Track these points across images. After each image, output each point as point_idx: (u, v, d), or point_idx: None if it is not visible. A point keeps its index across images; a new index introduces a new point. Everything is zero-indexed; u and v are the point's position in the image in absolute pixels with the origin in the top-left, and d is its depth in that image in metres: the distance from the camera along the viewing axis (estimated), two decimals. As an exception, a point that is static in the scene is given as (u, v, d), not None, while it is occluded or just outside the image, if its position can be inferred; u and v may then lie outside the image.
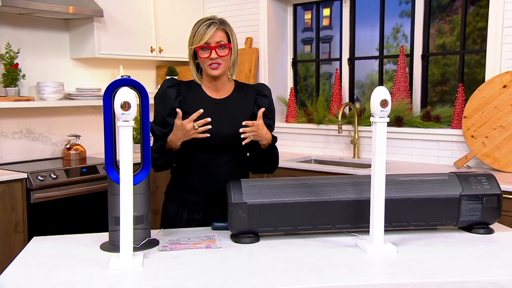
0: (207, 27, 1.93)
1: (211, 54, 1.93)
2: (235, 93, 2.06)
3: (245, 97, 2.07)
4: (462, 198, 1.81)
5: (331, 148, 4.00)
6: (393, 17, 4.06)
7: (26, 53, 3.72)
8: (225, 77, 2.03)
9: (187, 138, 1.88)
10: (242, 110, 2.04)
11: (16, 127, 3.71)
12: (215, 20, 1.96)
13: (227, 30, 1.98)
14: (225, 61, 1.97)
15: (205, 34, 1.92)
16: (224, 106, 2.01)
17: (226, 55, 1.96)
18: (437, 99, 3.85)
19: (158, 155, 1.96)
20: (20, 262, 1.56)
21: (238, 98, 2.05)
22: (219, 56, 1.93)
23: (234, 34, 2.01)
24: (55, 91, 3.68)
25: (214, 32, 1.92)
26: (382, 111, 1.61)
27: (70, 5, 3.54)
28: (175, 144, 1.91)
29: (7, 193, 3.09)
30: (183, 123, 1.86)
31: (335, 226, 1.78)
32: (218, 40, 1.94)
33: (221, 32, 1.95)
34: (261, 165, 2.11)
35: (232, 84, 2.08)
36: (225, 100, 2.03)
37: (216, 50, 1.93)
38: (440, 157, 3.50)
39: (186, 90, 2.01)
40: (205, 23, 1.94)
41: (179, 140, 1.90)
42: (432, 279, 1.43)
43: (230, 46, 1.97)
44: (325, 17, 4.51)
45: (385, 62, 4.09)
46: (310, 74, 4.51)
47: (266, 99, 2.08)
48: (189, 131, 1.85)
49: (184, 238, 1.77)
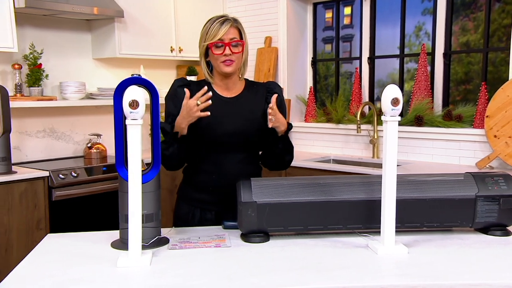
0: (221, 24, 1.93)
1: (225, 50, 1.93)
2: (245, 91, 2.06)
3: (256, 95, 2.06)
4: (478, 199, 1.76)
5: (350, 148, 3.96)
6: (415, 15, 3.99)
7: (50, 54, 3.79)
8: (236, 75, 2.03)
9: (191, 118, 1.86)
10: (253, 108, 2.03)
11: (39, 126, 3.78)
12: (229, 18, 1.97)
13: (239, 28, 1.99)
14: (238, 58, 1.97)
15: (219, 30, 1.92)
16: (235, 105, 2.01)
17: (240, 52, 1.96)
18: (461, 98, 3.77)
19: (166, 145, 1.94)
20: (32, 258, 1.58)
21: (249, 96, 2.05)
22: (232, 52, 1.93)
23: (245, 33, 2.02)
24: (77, 90, 3.75)
25: (228, 29, 1.93)
26: (393, 110, 1.58)
27: (94, 6, 3.59)
28: (181, 127, 1.89)
29: (29, 190, 3.16)
30: (186, 103, 1.86)
31: (346, 227, 1.76)
32: (232, 37, 1.94)
33: (234, 29, 1.96)
34: (278, 158, 2.07)
35: (242, 83, 2.08)
36: (236, 99, 2.03)
37: (230, 47, 1.93)
38: (461, 157, 3.42)
39: (197, 89, 2.01)
40: (219, 20, 1.95)
41: (184, 120, 1.87)
42: (442, 281, 1.40)
43: (244, 43, 1.97)
44: (346, 16, 4.47)
45: (406, 61, 4.03)
46: (330, 73, 4.48)
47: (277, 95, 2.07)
48: (193, 108, 1.84)
49: (194, 237, 1.77)
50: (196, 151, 2.00)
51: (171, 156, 1.95)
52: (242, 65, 2.02)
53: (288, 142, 2.05)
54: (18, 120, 3.62)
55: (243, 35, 1.99)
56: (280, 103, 2.08)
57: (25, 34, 3.65)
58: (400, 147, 3.69)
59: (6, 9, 3.25)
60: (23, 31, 3.62)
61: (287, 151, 2.07)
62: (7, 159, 3.18)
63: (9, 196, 3.06)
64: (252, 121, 2.00)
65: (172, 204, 2.67)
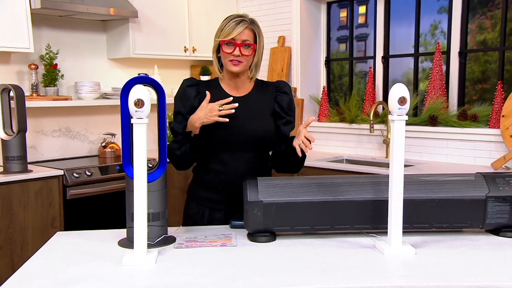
0: (237, 23, 1.93)
1: (234, 50, 1.93)
2: (255, 90, 2.06)
3: (265, 94, 2.06)
4: (489, 199, 1.73)
5: (363, 148, 3.93)
6: (431, 13, 3.94)
7: (65, 54, 3.84)
8: (245, 76, 2.02)
9: (207, 120, 1.87)
10: (262, 107, 2.03)
11: (55, 125, 3.83)
12: (246, 19, 1.96)
13: (255, 31, 1.97)
14: (247, 60, 1.96)
15: (233, 30, 1.92)
16: (244, 104, 2.01)
17: (249, 55, 1.95)
18: (477, 98, 3.71)
19: (177, 145, 1.94)
20: (41, 256, 1.60)
21: (258, 96, 2.05)
22: (242, 54, 1.93)
23: (262, 36, 2.00)
24: (92, 90, 3.79)
25: (243, 30, 1.92)
26: (400, 109, 1.56)
27: (110, 7, 3.63)
28: (194, 126, 1.90)
29: (45, 189, 3.20)
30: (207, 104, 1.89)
31: (354, 227, 1.74)
32: (245, 38, 1.93)
33: (249, 31, 1.95)
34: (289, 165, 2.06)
35: (252, 83, 2.07)
36: (245, 98, 2.03)
37: (240, 48, 1.93)
38: (477, 157, 3.37)
39: (206, 89, 2.01)
40: (236, 19, 1.94)
41: (199, 120, 1.88)
42: (449, 283, 1.37)
43: (255, 47, 1.97)
44: (360, 15, 4.43)
45: (422, 60, 3.98)
46: (345, 73, 4.45)
47: (286, 96, 2.07)
48: (213, 111, 1.87)
49: (201, 236, 1.78)
50: (205, 150, 2.01)
51: (182, 155, 1.96)
52: (253, 67, 2.01)
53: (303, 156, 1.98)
54: (34, 119, 3.68)
55: (257, 38, 1.97)
56: (289, 103, 2.07)
57: (42, 35, 3.70)
58: (414, 147, 3.65)
59: (22, 10, 3.30)
60: (39, 31, 3.67)
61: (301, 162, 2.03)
62: (23, 158, 3.23)
63: (24, 194, 3.11)
64: (260, 120, 2.00)
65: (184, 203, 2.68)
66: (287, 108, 2.05)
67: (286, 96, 2.06)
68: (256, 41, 1.97)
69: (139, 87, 1.49)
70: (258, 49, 1.98)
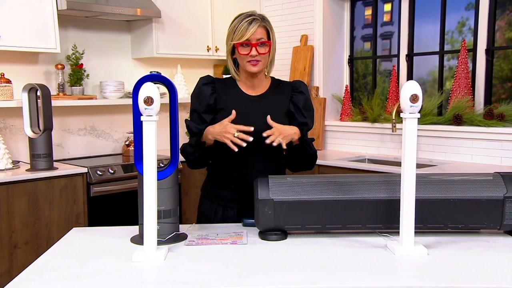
0: (249, 23, 1.92)
1: (251, 51, 1.92)
2: (271, 89, 2.05)
3: (281, 94, 2.05)
4: (507, 200, 1.69)
5: (386, 148, 3.88)
6: (458, 10, 3.85)
7: (91, 54, 3.92)
8: (262, 74, 2.02)
9: (219, 138, 1.85)
10: (278, 107, 2.02)
11: (81, 124, 3.91)
12: (256, 17, 1.95)
13: (267, 27, 1.97)
14: (264, 58, 1.96)
15: (246, 31, 1.91)
16: (260, 103, 2.01)
17: (266, 53, 1.95)
18: (506, 96, 3.60)
19: (192, 149, 1.97)
20: (54, 251, 1.64)
21: (273, 95, 2.04)
22: (259, 53, 1.93)
23: (273, 31, 2.00)
24: (116, 89, 3.85)
25: (256, 29, 1.92)
26: (412, 107, 1.54)
27: (135, 7, 3.68)
28: (208, 138, 1.91)
29: (69, 186, 3.28)
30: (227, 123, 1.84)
31: (366, 226, 1.72)
32: (259, 37, 1.93)
33: (261, 29, 1.94)
34: (298, 162, 2.06)
35: (268, 81, 2.07)
36: (261, 97, 2.02)
37: (256, 48, 1.92)
38: (503, 157, 3.28)
39: (222, 87, 2.02)
40: (247, 19, 1.93)
41: (213, 134, 1.87)
42: (460, 284, 1.34)
43: (270, 44, 1.96)
44: (385, 13, 4.37)
45: (449, 58, 3.89)
46: (369, 71, 4.40)
47: (302, 95, 2.05)
48: (227, 133, 1.81)
49: (212, 234, 1.78)
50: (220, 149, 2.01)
51: (196, 161, 2.01)
52: (268, 64, 2.01)
53: (308, 148, 1.99)
54: (60, 118, 3.76)
55: (270, 34, 1.97)
56: (305, 103, 2.05)
57: (68, 36, 3.79)
58: (437, 147, 3.58)
59: (49, 11, 3.39)
60: (65, 32, 3.76)
61: (308, 155, 2.01)
62: (49, 155, 3.31)
63: (50, 191, 3.18)
64: (275, 120, 1.98)
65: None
66: (304, 108, 2.03)
67: (302, 96, 2.04)
68: (270, 37, 1.97)
69: (148, 85, 1.50)
70: (272, 45, 1.98)
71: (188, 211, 3.91)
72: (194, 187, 3.89)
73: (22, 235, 3.07)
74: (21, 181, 3.06)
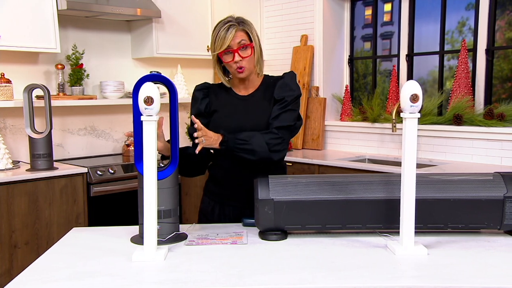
0: (226, 30, 1.90)
1: (234, 57, 1.92)
2: (260, 88, 2.05)
3: (268, 90, 2.03)
4: (507, 200, 1.69)
5: (386, 147, 3.88)
6: (458, 10, 3.85)
7: (91, 54, 3.92)
8: (253, 74, 2.02)
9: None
10: (263, 104, 2.00)
11: (81, 124, 3.91)
12: (233, 22, 1.93)
13: (246, 29, 1.95)
14: (249, 61, 1.95)
15: (225, 38, 1.89)
16: (248, 102, 2.02)
17: (250, 56, 1.94)
18: (506, 96, 3.60)
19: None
20: (54, 251, 1.64)
21: (261, 93, 2.04)
22: (242, 57, 1.92)
23: (254, 30, 1.97)
24: (116, 89, 3.85)
25: (234, 34, 1.90)
26: (412, 107, 1.53)
27: (135, 7, 3.68)
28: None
29: (69, 186, 3.28)
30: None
31: (366, 226, 1.72)
32: (239, 40, 1.91)
33: (240, 32, 1.92)
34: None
35: (260, 79, 2.06)
36: (249, 97, 2.04)
37: (238, 53, 1.91)
38: (503, 157, 3.28)
39: (215, 91, 2.06)
40: (224, 26, 1.91)
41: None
42: (460, 284, 1.34)
43: (252, 46, 1.95)
44: (386, 13, 4.37)
45: (449, 58, 3.89)
46: (369, 71, 4.40)
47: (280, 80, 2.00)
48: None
49: (213, 234, 1.78)
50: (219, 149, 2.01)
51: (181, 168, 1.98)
52: (257, 63, 2.00)
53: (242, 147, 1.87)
54: (61, 118, 3.76)
55: (251, 35, 1.95)
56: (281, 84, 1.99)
57: (68, 36, 3.78)
58: (437, 147, 3.58)
59: (49, 11, 3.38)
60: (66, 32, 3.76)
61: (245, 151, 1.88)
62: (49, 155, 3.31)
63: (50, 191, 3.18)
64: (261, 117, 1.97)
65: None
66: (279, 90, 1.97)
67: (280, 81, 2.00)
68: (251, 39, 1.95)
69: (148, 85, 1.50)
70: (255, 46, 1.96)
71: (188, 211, 3.91)
72: (194, 187, 3.89)
73: (22, 235, 3.07)
74: (21, 181, 3.06)
